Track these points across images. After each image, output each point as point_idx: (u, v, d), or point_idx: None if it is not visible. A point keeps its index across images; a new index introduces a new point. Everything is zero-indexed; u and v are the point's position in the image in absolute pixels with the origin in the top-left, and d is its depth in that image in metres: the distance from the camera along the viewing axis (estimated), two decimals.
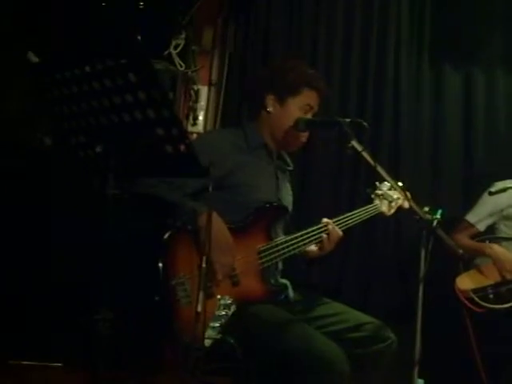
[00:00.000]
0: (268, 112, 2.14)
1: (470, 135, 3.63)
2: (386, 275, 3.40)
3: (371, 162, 1.89)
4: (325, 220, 2.09)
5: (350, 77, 3.49)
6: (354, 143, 1.87)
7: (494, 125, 3.65)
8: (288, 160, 2.28)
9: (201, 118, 3.45)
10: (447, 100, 3.63)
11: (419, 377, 2.23)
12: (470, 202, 3.12)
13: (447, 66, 3.63)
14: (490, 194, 2.57)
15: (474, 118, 3.64)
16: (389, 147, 3.49)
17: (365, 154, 1.88)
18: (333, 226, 2.07)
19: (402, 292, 3.19)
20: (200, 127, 3.45)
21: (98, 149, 1.56)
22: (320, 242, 2.06)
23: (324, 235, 2.05)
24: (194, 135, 3.31)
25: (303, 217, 3.23)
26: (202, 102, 3.46)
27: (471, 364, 2.64)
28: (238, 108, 3.37)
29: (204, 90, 3.47)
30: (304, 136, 2.17)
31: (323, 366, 1.69)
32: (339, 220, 2.13)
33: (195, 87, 3.44)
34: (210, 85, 3.50)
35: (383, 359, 2.00)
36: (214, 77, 3.51)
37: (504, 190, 2.48)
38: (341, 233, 2.09)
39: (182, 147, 1.49)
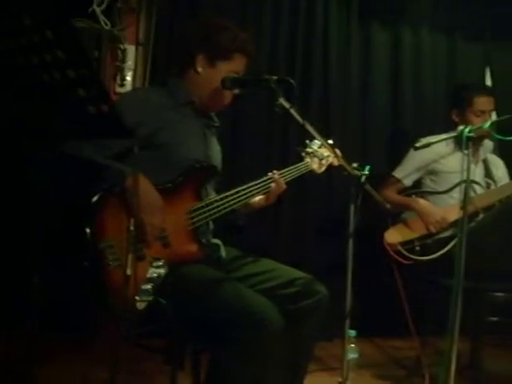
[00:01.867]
0: (197, 72, 2.10)
1: (397, 93, 3.74)
2: (318, 231, 3.48)
3: (299, 119, 1.88)
4: (270, 174, 2.10)
5: (279, 35, 3.49)
6: (282, 100, 1.85)
7: (421, 82, 3.76)
8: (215, 117, 2.25)
9: (129, 78, 3.37)
10: (376, 58, 3.71)
11: (351, 328, 2.31)
12: (397, 158, 3.19)
13: (376, 24, 3.69)
14: (415, 148, 2.62)
15: (401, 76, 3.74)
16: (319, 105, 3.54)
17: (293, 112, 1.87)
18: (279, 176, 2.08)
19: (334, 247, 3.27)
20: (128, 88, 3.37)
21: (20, 110, 1.49)
22: (267, 193, 2.08)
23: (272, 184, 2.07)
24: None
25: (235, 175, 3.25)
26: (130, 62, 3.37)
27: (400, 313, 2.73)
28: (167, 68, 3.30)
29: (131, 50, 3.38)
30: (230, 96, 2.14)
31: (256, 323, 1.70)
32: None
33: (122, 47, 3.34)
34: (137, 44, 3.41)
35: (315, 313, 2.03)
36: (142, 36, 3.42)
37: (428, 145, 2.54)
38: (284, 185, 2.11)
39: (105, 107, 1.44)
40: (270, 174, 2.11)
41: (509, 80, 3.89)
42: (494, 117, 3.08)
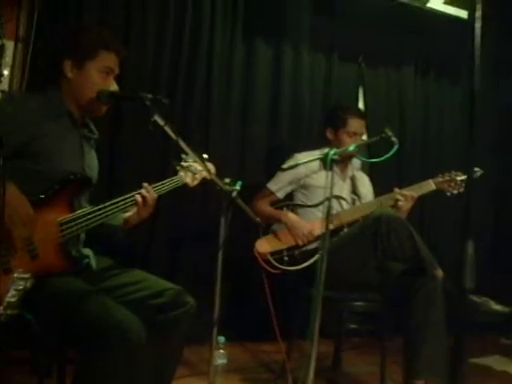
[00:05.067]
0: (67, 78, 2.09)
1: (276, 108, 3.87)
2: (191, 242, 3.55)
3: (173, 136, 1.96)
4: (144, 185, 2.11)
5: (164, 49, 3.51)
6: (157, 118, 1.91)
7: (299, 98, 3.93)
8: (93, 128, 2.25)
9: (6, 72, 3.25)
10: (257, 74, 3.82)
11: (222, 333, 2.40)
12: (274, 171, 3.30)
13: (258, 41, 3.81)
14: (282, 170, 2.73)
15: (280, 92, 3.88)
16: (199, 119, 3.60)
17: (167, 129, 1.94)
18: (147, 189, 2.09)
19: (207, 257, 3.35)
20: (5, 85, 3.24)
21: None
22: (136, 206, 2.07)
23: (138, 197, 2.06)
24: None
25: (114, 187, 3.24)
26: (8, 58, 3.25)
27: (268, 319, 2.85)
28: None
29: (10, 46, 3.26)
30: (106, 105, 2.16)
31: (119, 335, 1.74)
32: None
33: None
34: (16, 40, 3.30)
35: (183, 323, 2.08)
36: (22, 32, 3.31)
37: (294, 166, 2.66)
38: (155, 195, 2.11)
39: None
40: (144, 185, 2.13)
41: (378, 101, 4.19)
42: (364, 138, 3.27)
